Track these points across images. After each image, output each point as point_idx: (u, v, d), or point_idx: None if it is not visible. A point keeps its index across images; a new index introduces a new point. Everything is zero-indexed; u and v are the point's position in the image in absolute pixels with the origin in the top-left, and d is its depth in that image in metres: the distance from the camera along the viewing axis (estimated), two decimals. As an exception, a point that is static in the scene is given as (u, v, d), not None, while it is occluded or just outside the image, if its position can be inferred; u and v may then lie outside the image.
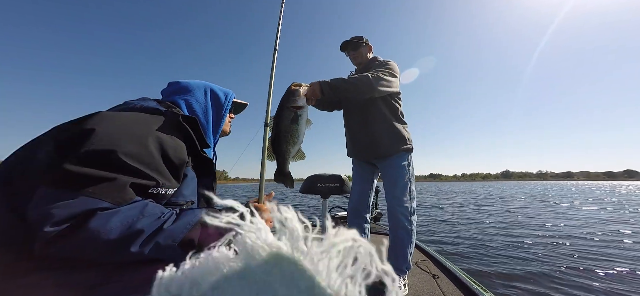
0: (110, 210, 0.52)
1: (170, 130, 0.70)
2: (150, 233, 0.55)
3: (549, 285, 2.88)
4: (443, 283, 1.65)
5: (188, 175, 0.75)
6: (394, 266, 1.65)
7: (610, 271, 3.23)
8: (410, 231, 1.64)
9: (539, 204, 11.55)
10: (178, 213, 0.62)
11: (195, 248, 0.60)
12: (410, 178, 1.70)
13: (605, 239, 4.90)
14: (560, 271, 3.25)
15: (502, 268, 3.42)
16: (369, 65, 1.84)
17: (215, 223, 0.23)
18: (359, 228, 1.89)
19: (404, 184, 1.67)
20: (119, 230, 0.51)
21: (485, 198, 15.43)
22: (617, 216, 7.94)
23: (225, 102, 0.96)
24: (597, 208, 10.24)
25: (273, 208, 0.22)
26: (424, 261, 2.07)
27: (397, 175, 1.68)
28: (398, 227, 1.65)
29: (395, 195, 1.67)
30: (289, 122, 1.23)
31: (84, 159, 0.54)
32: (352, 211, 1.92)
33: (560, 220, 7.15)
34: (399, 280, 1.58)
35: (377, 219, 3.93)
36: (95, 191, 0.52)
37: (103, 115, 0.66)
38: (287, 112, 1.24)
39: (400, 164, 1.69)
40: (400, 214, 1.64)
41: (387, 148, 1.70)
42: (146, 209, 0.57)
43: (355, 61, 1.91)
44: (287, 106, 1.24)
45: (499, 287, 2.84)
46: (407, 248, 1.63)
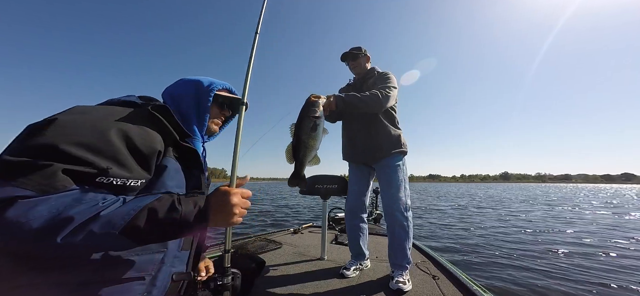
0: (34, 198, 0.49)
1: (140, 120, 0.68)
2: (82, 221, 0.51)
3: (549, 285, 2.88)
4: (443, 284, 1.64)
5: (168, 166, 0.72)
6: (395, 264, 1.69)
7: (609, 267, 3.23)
8: (407, 228, 1.74)
9: (541, 207, 11.55)
10: (126, 200, 0.59)
11: (144, 237, 0.57)
12: (404, 178, 1.83)
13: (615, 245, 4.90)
14: (561, 271, 3.25)
15: (503, 268, 3.42)
16: (368, 75, 1.97)
17: (160, 211, 0.23)
18: (357, 227, 1.98)
19: (399, 183, 1.79)
20: (44, 219, 0.48)
21: (484, 200, 15.45)
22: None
23: (206, 90, 0.90)
24: (610, 212, 10.21)
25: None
26: (424, 262, 2.06)
27: (393, 175, 1.80)
28: (395, 224, 1.75)
29: (391, 194, 1.78)
30: (309, 131, 1.34)
31: (25, 148, 0.53)
32: (349, 211, 2.01)
33: (563, 223, 7.15)
34: (402, 276, 1.66)
35: (377, 220, 3.93)
36: (25, 180, 0.50)
37: (75, 108, 0.66)
38: (307, 121, 1.35)
39: (395, 165, 1.82)
40: (397, 211, 1.75)
41: (385, 151, 1.83)
42: (85, 197, 0.54)
43: (355, 71, 2.03)
44: (307, 116, 1.35)
45: (500, 288, 2.84)
46: (406, 244, 1.73)
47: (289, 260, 2.15)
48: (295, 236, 2.99)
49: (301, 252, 2.37)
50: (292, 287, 1.64)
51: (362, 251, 2.00)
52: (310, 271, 1.90)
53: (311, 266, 2.01)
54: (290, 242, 2.70)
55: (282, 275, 1.81)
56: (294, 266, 2.00)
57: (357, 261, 1.97)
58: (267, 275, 1.81)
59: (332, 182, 2.19)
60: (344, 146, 2.07)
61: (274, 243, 2.61)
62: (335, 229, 3.23)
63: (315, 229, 3.31)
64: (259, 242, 2.66)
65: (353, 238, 2.00)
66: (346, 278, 1.78)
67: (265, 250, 2.40)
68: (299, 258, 2.19)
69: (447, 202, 14.26)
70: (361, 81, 2.00)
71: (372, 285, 1.71)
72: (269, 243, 2.61)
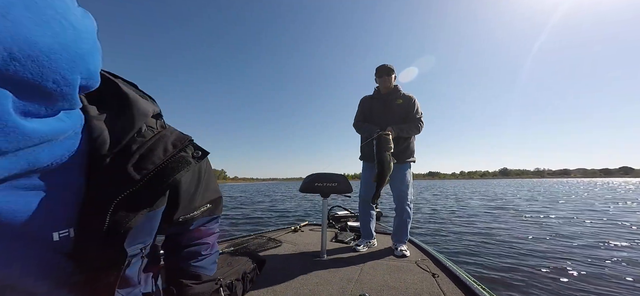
0: None
1: None
2: None
3: (550, 284, 2.89)
4: (443, 282, 1.64)
5: None
6: (400, 240, 2.36)
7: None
8: (410, 215, 2.35)
9: (546, 203, 11.60)
10: None
11: None
12: (411, 180, 2.38)
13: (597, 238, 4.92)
14: (561, 271, 3.26)
15: (503, 268, 3.43)
16: (394, 93, 2.41)
17: None
18: (368, 213, 2.49)
19: (408, 183, 2.34)
20: None
21: (485, 196, 15.48)
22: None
23: None
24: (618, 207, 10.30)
25: None
26: (423, 260, 2.06)
27: (405, 178, 2.34)
28: (403, 212, 2.32)
29: (402, 190, 2.33)
30: (390, 159, 2.05)
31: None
32: (362, 201, 2.50)
33: (564, 219, 7.18)
34: (404, 246, 2.28)
35: (377, 218, 3.92)
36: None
37: None
38: (388, 153, 2.04)
39: (407, 170, 2.37)
40: (405, 204, 2.32)
41: (400, 159, 2.31)
42: None
43: (384, 85, 2.41)
44: (386, 147, 2.04)
45: (500, 287, 2.85)
46: (408, 227, 2.35)
47: (288, 258, 2.16)
48: (295, 234, 2.99)
49: (301, 250, 2.38)
50: (292, 285, 1.64)
51: (371, 232, 2.50)
52: (310, 269, 1.91)
53: (311, 264, 2.01)
54: (290, 240, 2.70)
55: (282, 273, 1.81)
56: (294, 264, 2.00)
57: (367, 239, 2.48)
58: (267, 273, 1.82)
59: (332, 180, 2.19)
60: (363, 147, 2.51)
61: (273, 241, 2.61)
62: (335, 228, 3.23)
63: (315, 228, 3.32)
64: (259, 240, 2.67)
65: (364, 222, 2.49)
66: (358, 252, 2.29)
67: (265, 248, 2.40)
68: (299, 256, 2.20)
69: (449, 200, 14.29)
70: (387, 96, 2.41)
71: (380, 253, 2.26)
72: (269, 241, 2.61)
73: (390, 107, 2.38)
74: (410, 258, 2.11)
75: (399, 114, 2.35)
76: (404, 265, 1.96)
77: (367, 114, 2.49)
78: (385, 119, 2.35)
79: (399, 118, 2.34)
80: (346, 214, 3.63)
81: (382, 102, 2.41)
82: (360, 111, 2.54)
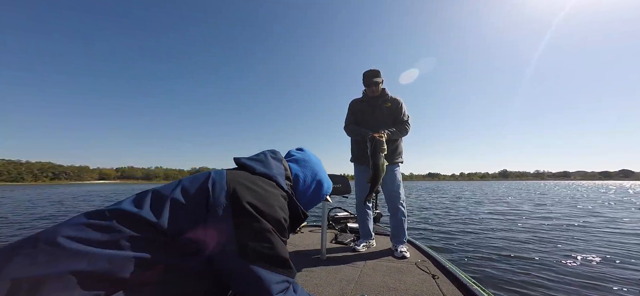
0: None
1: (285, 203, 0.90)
2: None
3: (550, 286, 2.88)
4: (443, 284, 1.64)
5: None
6: (399, 241, 2.34)
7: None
8: (405, 213, 2.38)
9: (550, 204, 11.59)
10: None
11: None
12: (400, 178, 2.45)
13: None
14: (561, 273, 3.25)
15: (504, 269, 3.42)
16: (382, 97, 2.45)
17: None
18: (365, 213, 2.51)
19: (399, 182, 2.40)
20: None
21: (484, 197, 15.45)
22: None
23: (323, 195, 1.03)
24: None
25: None
26: (423, 261, 2.06)
27: (395, 177, 2.39)
28: (397, 212, 2.35)
29: (393, 190, 2.38)
30: (383, 161, 2.09)
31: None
32: (360, 203, 2.51)
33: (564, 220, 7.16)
34: (403, 246, 2.26)
35: (377, 219, 3.92)
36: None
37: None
38: (381, 155, 2.08)
39: (396, 170, 2.42)
40: (398, 202, 2.36)
41: (392, 159, 2.36)
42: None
43: (372, 90, 2.43)
44: (380, 150, 2.08)
45: (500, 287, 2.84)
46: (404, 225, 2.35)
47: None
48: (295, 235, 2.98)
49: (301, 251, 2.37)
50: None
51: (370, 232, 2.52)
52: (310, 269, 1.91)
53: (311, 264, 2.01)
54: (290, 241, 2.70)
55: None
56: (294, 265, 2.00)
57: (366, 239, 2.49)
58: None
59: (333, 181, 2.19)
60: (357, 150, 2.52)
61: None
62: (335, 229, 3.23)
63: (315, 229, 3.31)
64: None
65: (363, 222, 2.51)
66: (357, 252, 2.31)
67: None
68: (299, 257, 2.20)
69: (451, 201, 14.27)
70: (375, 100, 2.45)
71: (380, 254, 2.25)
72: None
73: (379, 110, 2.43)
74: (410, 260, 2.10)
75: (388, 116, 2.40)
76: (404, 266, 1.96)
77: (358, 116, 2.53)
78: (375, 122, 2.40)
79: (388, 121, 2.39)
80: (346, 216, 3.64)
81: (371, 106, 2.46)
82: (351, 114, 2.57)
